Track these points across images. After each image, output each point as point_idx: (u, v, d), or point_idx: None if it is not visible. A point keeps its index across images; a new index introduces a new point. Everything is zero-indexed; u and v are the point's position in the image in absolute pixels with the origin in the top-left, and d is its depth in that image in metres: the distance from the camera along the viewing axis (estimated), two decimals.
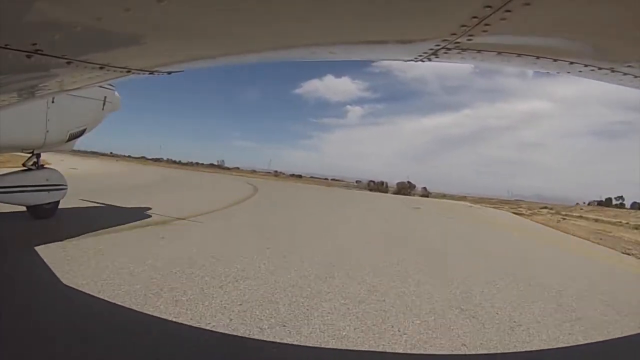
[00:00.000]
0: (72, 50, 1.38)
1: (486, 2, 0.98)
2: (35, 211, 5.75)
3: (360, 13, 1.14)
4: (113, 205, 7.38)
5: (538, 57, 1.39)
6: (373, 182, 46.95)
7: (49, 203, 5.82)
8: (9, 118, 4.14)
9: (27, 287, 2.97)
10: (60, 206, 6.02)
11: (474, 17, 1.06)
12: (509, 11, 1.00)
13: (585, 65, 1.41)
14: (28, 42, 1.22)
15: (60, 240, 4.25)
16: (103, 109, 6.37)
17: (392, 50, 1.62)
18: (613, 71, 1.42)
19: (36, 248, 3.86)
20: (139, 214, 6.81)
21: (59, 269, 3.31)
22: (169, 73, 1.91)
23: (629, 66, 1.37)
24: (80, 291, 2.91)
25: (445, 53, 1.38)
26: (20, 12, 1.06)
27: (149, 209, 7.27)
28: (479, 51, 1.36)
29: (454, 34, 1.20)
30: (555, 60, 1.39)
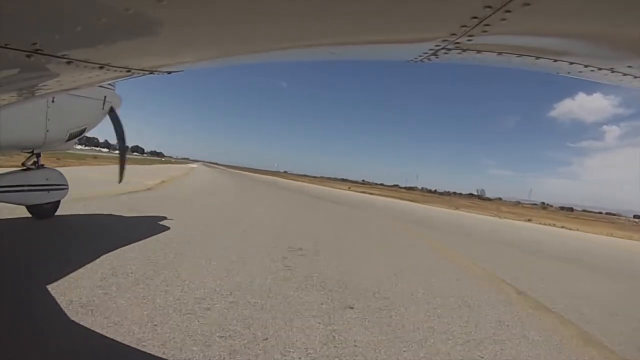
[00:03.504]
0: (72, 50, 1.38)
1: (486, 3, 0.98)
2: (35, 211, 5.77)
3: (360, 13, 1.14)
4: None
5: (538, 58, 1.39)
6: None
7: (49, 203, 5.83)
8: (9, 118, 4.15)
9: None
10: None
11: (474, 18, 1.06)
12: (509, 11, 1.00)
13: (586, 66, 1.41)
14: (28, 41, 1.22)
15: None
16: (103, 108, 6.38)
17: (392, 51, 1.62)
18: (613, 71, 1.42)
19: None
20: None
21: None
22: (169, 73, 1.91)
23: (629, 66, 1.37)
24: None
25: (446, 53, 1.38)
26: (20, 12, 1.06)
27: None
28: (479, 51, 1.36)
29: (454, 34, 1.20)
30: (555, 60, 1.39)
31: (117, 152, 7.30)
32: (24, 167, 5.72)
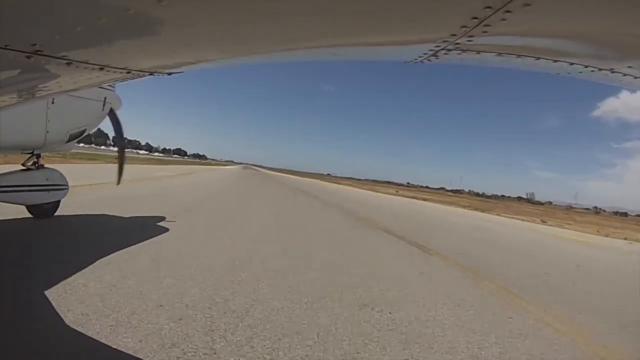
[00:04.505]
0: (71, 51, 1.38)
1: (486, 3, 0.98)
2: (35, 211, 5.77)
3: (360, 14, 1.14)
4: None
5: (538, 58, 1.39)
6: None
7: (49, 203, 5.83)
8: (9, 119, 4.15)
9: None
10: None
11: (474, 18, 1.06)
12: (509, 12, 1.00)
13: (586, 66, 1.41)
14: (28, 42, 1.22)
15: None
16: (103, 109, 6.38)
17: (392, 52, 1.62)
18: (613, 72, 1.42)
19: None
20: None
21: None
22: (169, 74, 1.91)
23: (629, 66, 1.37)
24: None
25: (446, 54, 1.38)
26: (20, 13, 1.06)
27: None
28: (478, 52, 1.36)
29: (454, 35, 1.20)
30: (555, 61, 1.39)
31: (158, 154, 7.09)
32: (24, 167, 5.72)
